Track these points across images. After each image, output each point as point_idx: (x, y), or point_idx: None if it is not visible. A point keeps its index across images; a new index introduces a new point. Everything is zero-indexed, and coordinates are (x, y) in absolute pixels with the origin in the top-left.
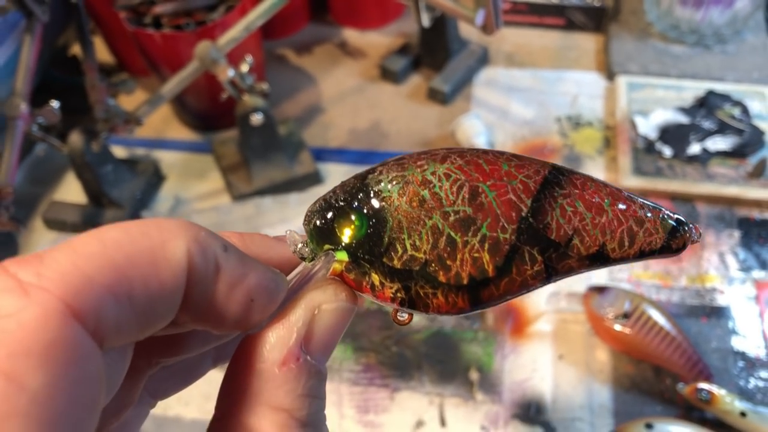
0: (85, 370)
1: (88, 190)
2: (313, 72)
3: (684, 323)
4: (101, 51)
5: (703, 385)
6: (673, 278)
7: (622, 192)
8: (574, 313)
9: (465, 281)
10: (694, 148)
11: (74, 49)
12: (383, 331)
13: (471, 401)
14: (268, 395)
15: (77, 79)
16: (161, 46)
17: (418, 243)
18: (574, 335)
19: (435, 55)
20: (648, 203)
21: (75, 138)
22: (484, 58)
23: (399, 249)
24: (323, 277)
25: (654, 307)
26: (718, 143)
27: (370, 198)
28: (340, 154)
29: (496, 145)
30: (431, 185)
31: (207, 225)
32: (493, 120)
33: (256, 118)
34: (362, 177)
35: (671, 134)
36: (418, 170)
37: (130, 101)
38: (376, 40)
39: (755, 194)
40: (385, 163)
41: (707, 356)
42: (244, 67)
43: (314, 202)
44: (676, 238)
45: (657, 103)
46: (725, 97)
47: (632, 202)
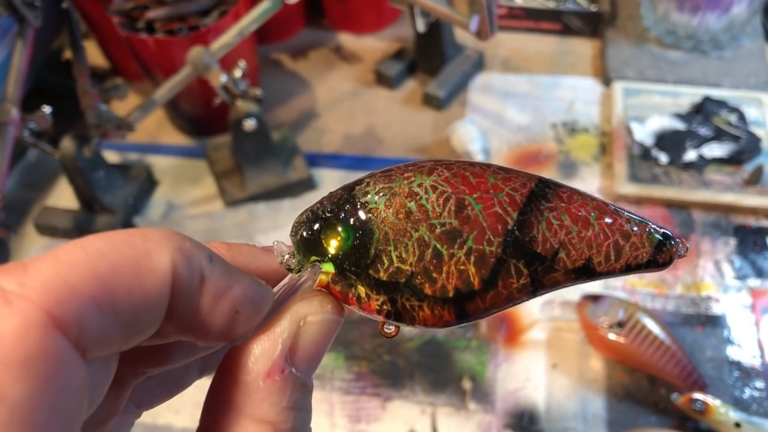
0: (67, 382)
1: (80, 196)
2: (308, 77)
3: (679, 332)
4: (95, 55)
5: (697, 396)
6: (668, 286)
7: (609, 205)
8: (568, 321)
9: (451, 294)
10: (691, 155)
11: (68, 54)
12: (375, 339)
13: (463, 411)
14: (253, 408)
15: (70, 83)
16: (154, 51)
17: (404, 255)
18: (567, 344)
19: (430, 60)
20: (635, 217)
21: (67, 143)
22: (479, 64)
23: (385, 261)
24: (309, 288)
25: (649, 316)
26: (715, 150)
27: (357, 209)
28: (335, 160)
29: (491, 151)
30: (418, 197)
31: (200, 231)
32: (489, 126)
33: (249, 124)
34: (349, 188)
35: (667, 141)
36: (405, 182)
37: (123, 106)
38: (372, 45)
39: (751, 201)
40: (372, 174)
41: (702, 366)
42: (237, 73)
43: (301, 213)
44: (662, 252)
45: (653, 110)
46: (722, 104)
47: (618, 215)
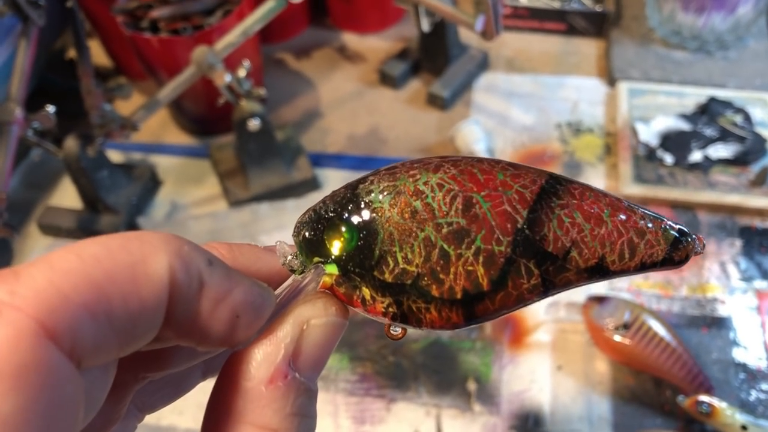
0: (60, 393)
1: (83, 196)
2: (312, 76)
3: (684, 334)
4: (99, 55)
5: (703, 398)
6: (673, 288)
7: (622, 201)
8: (574, 323)
9: (459, 295)
10: (696, 156)
11: (71, 53)
12: (380, 341)
13: (468, 412)
14: (255, 414)
15: (74, 83)
16: (158, 50)
17: (410, 256)
18: (573, 346)
19: (435, 60)
20: (649, 213)
21: (70, 143)
22: (484, 63)
23: (390, 262)
24: (313, 290)
25: (654, 318)
26: (720, 151)
27: (361, 209)
28: (339, 160)
29: (495, 152)
30: (423, 196)
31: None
32: (493, 126)
33: (254, 124)
34: (353, 187)
35: (672, 141)
36: (410, 180)
37: (127, 105)
38: (376, 45)
39: (757, 203)
40: (376, 172)
41: (708, 368)
42: (242, 72)
43: (304, 213)
44: (678, 249)
45: (658, 110)
46: (727, 104)
47: (633, 212)
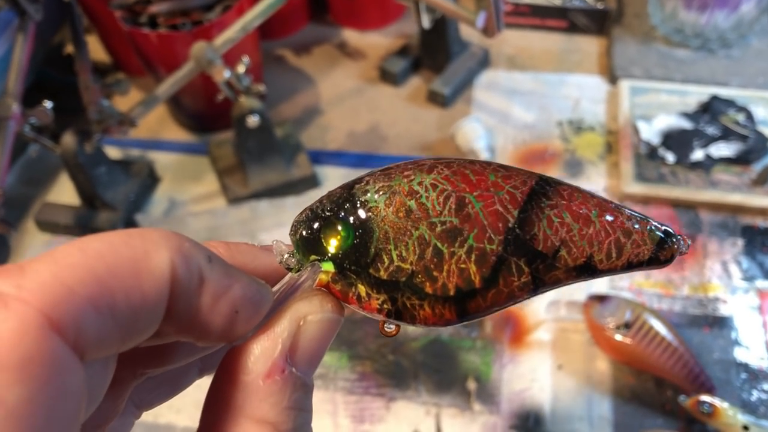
0: (65, 384)
1: (81, 192)
2: (312, 73)
3: (686, 333)
4: (96, 50)
5: (705, 398)
6: (675, 287)
7: (610, 202)
8: (574, 322)
9: (452, 293)
10: (698, 155)
11: (69, 48)
12: (379, 339)
13: (468, 412)
14: (252, 408)
15: (72, 78)
16: (157, 46)
17: (404, 254)
18: (573, 345)
19: (435, 57)
20: (636, 214)
21: (68, 139)
22: (484, 61)
23: (385, 260)
24: (309, 287)
25: (655, 317)
26: (722, 149)
27: (357, 208)
28: (338, 157)
29: (496, 150)
30: (418, 195)
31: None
32: (494, 124)
33: (253, 120)
34: (349, 187)
35: (674, 140)
36: (405, 180)
37: (125, 101)
38: (376, 41)
39: (759, 202)
40: (371, 173)
41: (709, 367)
42: (241, 68)
43: (300, 212)
44: (663, 249)
45: (660, 108)
46: (729, 103)
47: (620, 213)
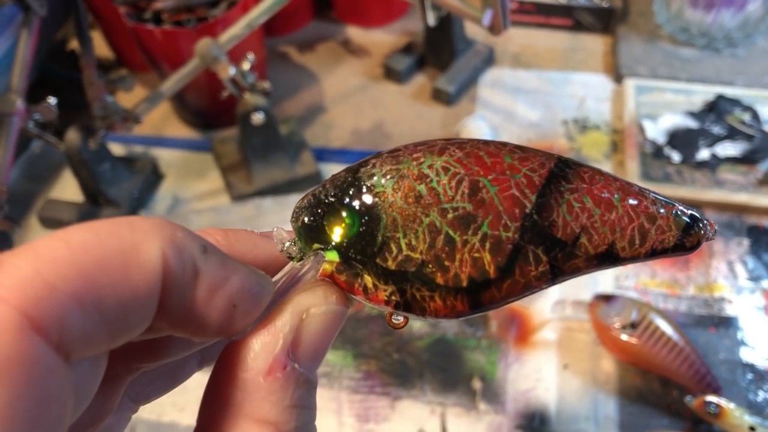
0: (47, 387)
1: (84, 189)
2: (316, 70)
3: (692, 333)
4: (100, 46)
5: (711, 398)
6: (680, 287)
7: (633, 186)
8: (580, 321)
9: (464, 283)
10: (703, 154)
11: (73, 44)
12: (384, 338)
13: (473, 411)
14: (252, 407)
15: (75, 74)
16: (161, 42)
17: (414, 242)
18: (579, 344)
19: (440, 55)
20: (660, 198)
21: (72, 135)
22: (489, 59)
23: (393, 249)
24: (312, 278)
25: (661, 317)
26: (728, 149)
27: (363, 193)
28: (343, 155)
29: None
30: (428, 180)
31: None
32: (499, 122)
33: (257, 117)
34: (354, 170)
35: (680, 139)
36: (414, 163)
37: (129, 98)
38: (380, 39)
39: (765, 202)
40: (379, 155)
41: (715, 368)
42: (246, 65)
43: (302, 197)
44: (690, 235)
45: (665, 107)
46: (735, 102)
47: (644, 197)
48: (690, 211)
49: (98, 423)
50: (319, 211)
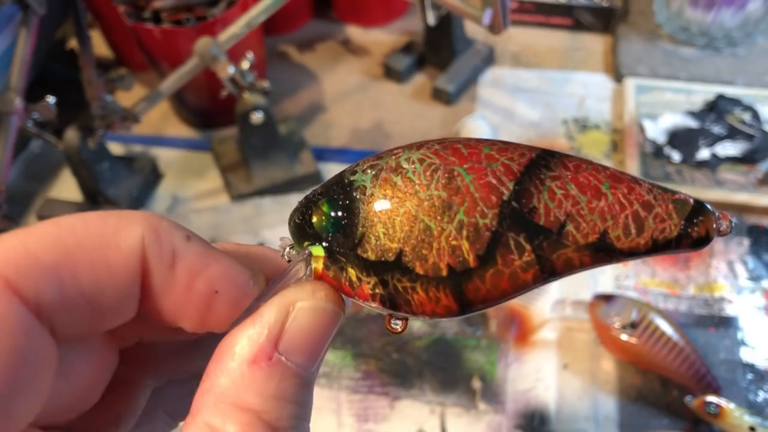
0: (20, 341)
1: (83, 188)
2: (316, 70)
3: (692, 333)
4: (99, 45)
5: (711, 398)
6: (680, 287)
7: (626, 174)
8: (580, 321)
9: (444, 272)
10: (704, 154)
11: (72, 43)
12: (384, 337)
13: (473, 411)
14: (236, 394)
15: (74, 73)
16: (160, 41)
17: (391, 231)
18: (579, 344)
19: (440, 54)
20: (659, 186)
21: (71, 134)
22: (489, 58)
23: (372, 239)
24: (305, 276)
25: (661, 317)
26: (728, 149)
27: (345, 189)
28: (342, 154)
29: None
30: (404, 171)
31: (205, 225)
32: (499, 121)
33: (257, 117)
34: (341, 172)
35: (680, 139)
36: (393, 157)
37: (128, 97)
38: (380, 38)
39: (765, 201)
40: (366, 158)
41: (715, 368)
42: (245, 64)
43: (298, 202)
44: (695, 225)
45: (666, 107)
46: (735, 102)
47: (638, 184)
48: (695, 199)
49: (120, 426)
50: (307, 210)
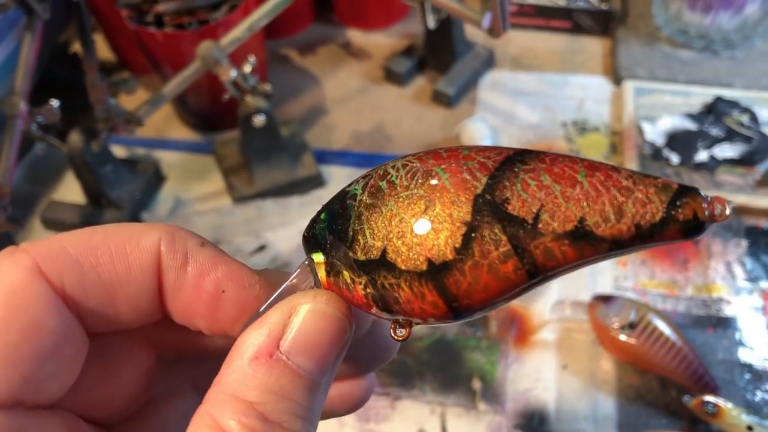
0: (41, 313)
1: (87, 190)
2: (317, 73)
3: (690, 334)
4: (102, 49)
5: (709, 398)
6: (679, 288)
7: (605, 163)
8: (579, 322)
9: (424, 266)
10: (702, 156)
11: (75, 47)
12: None
13: (473, 411)
14: (236, 386)
15: (78, 77)
16: (163, 45)
17: (375, 231)
18: (578, 345)
19: (440, 57)
20: (641, 173)
21: (75, 137)
22: (489, 61)
23: (360, 240)
24: (309, 284)
25: (660, 318)
26: (726, 151)
27: (341, 199)
28: (343, 157)
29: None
30: (389, 176)
31: (208, 227)
32: (499, 123)
33: (259, 120)
34: (343, 187)
35: (678, 141)
36: (383, 167)
37: (131, 100)
38: (381, 41)
39: (763, 203)
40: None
41: (713, 368)
42: (247, 68)
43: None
44: (678, 207)
45: (664, 109)
46: (733, 104)
47: (616, 171)
48: (678, 182)
49: (137, 400)
50: (313, 224)
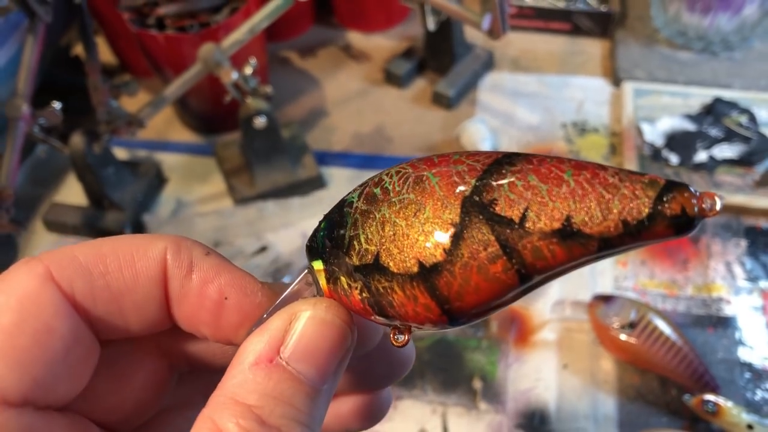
0: (50, 317)
1: (89, 192)
2: (317, 75)
3: (690, 333)
4: (104, 52)
5: (709, 397)
6: (679, 287)
7: (592, 162)
8: (579, 321)
9: (415, 268)
10: (701, 156)
11: (77, 50)
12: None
13: (474, 411)
14: (236, 389)
15: (80, 79)
16: (164, 47)
17: (369, 236)
18: (578, 344)
19: (440, 59)
20: (629, 171)
21: (76, 139)
22: (489, 63)
23: (356, 245)
24: (311, 292)
25: (660, 317)
26: (725, 151)
27: (340, 208)
28: (344, 158)
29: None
30: (383, 183)
31: (209, 228)
32: (498, 125)
33: (260, 121)
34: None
35: (678, 141)
36: (378, 175)
37: (132, 103)
38: (381, 44)
39: (762, 203)
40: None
41: (713, 367)
42: (248, 70)
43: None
44: (665, 202)
45: (663, 110)
46: (732, 105)
47: (603, 170)
48: (667, 178)
49: (148, 410)
50: (315, 234)
